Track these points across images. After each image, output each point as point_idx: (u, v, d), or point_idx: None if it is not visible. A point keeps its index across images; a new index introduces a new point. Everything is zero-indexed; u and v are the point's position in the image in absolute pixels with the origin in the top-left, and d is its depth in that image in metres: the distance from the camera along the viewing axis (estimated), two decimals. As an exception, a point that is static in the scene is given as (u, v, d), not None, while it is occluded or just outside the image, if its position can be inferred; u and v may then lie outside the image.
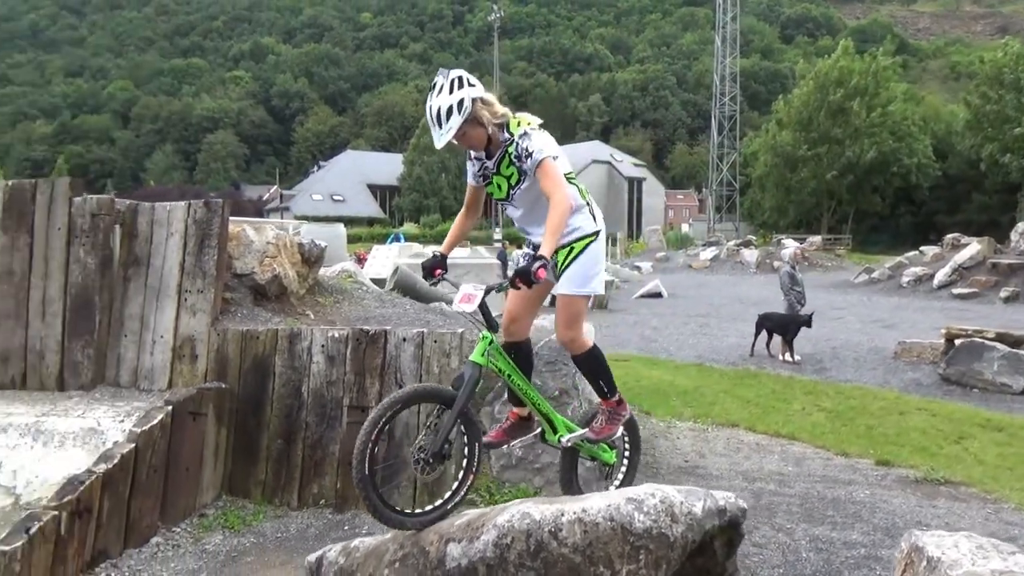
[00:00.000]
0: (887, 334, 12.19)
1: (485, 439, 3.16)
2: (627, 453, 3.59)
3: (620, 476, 3.50)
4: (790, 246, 24.91)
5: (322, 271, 6.52)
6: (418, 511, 2.64)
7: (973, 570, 2.80)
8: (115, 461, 3.70)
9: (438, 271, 3.20)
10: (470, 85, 2.85)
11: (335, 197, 69.66)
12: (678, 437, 6.19)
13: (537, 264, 2.65)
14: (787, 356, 9.97)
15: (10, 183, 4.92)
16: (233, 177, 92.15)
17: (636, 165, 73.68)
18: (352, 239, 51.68)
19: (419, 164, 68.48)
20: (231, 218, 5.09)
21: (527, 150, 2.90)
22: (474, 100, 2.84)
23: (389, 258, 17.57)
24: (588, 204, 3.14)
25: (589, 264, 3.09)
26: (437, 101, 2.82)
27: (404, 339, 4.51)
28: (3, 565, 3.17)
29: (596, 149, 72.99)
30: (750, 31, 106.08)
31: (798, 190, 50.55)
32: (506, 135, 2.95)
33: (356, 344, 4.55)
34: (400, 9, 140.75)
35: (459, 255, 22.49)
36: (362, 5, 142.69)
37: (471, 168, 3.13)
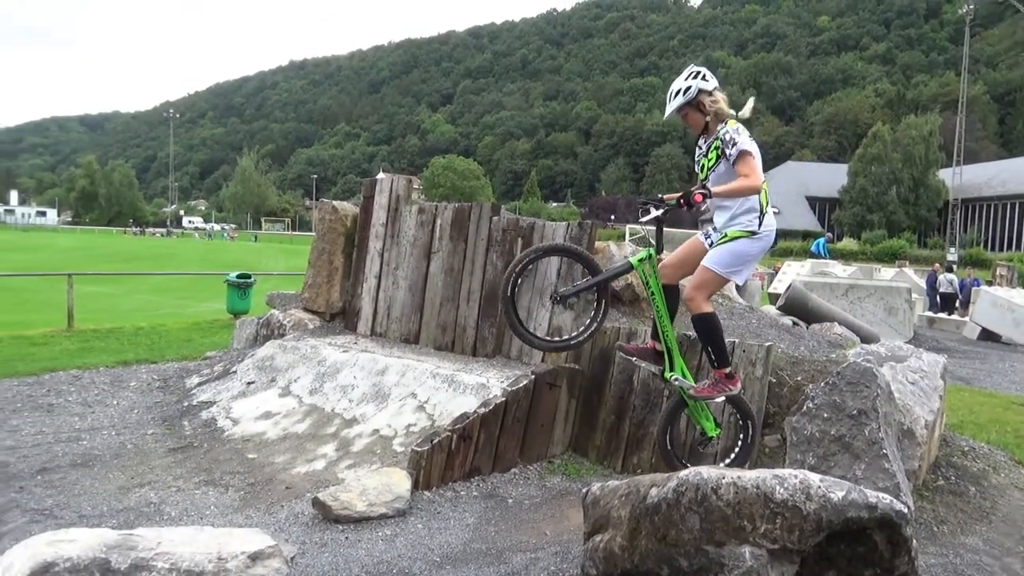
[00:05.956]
0: None
1: (623, 345, 3.98)
2: (741, 436, 3.95)
3: (732, 456, 3.96)
4: None
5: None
6: (545, 336, 3.66)
7: None
8: (490, 408, 5.22)
9: (651, 209, 3.80)
10: (704, 80, 3.63)
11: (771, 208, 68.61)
12: (1044, 492, 5.64)
13: (697, 190, 3.35)
14: None
15: (455, 205, 6.93)
16: (676, 188, 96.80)
17: None
18: (783, 252, 50.74)
19: (865, 175, 63.65)
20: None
21: (734, 140, 3.55)
22: (700, 91, 3.60)
23: (789, 274, 17.52)
24: (763, 213, 3.63)
25: (733, 253, 3.62)
26: (675, 83, 3.67)
27: (718, 346, 5.23)
28: (416, 459, 4.87)
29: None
30: None
31: None
32: (721, 126, 3.62)
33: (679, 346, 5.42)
34: (863, 8, 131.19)
35: (876, 278, 20.94)
36: (820, 8, 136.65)
37: (696, 156, 3.88)
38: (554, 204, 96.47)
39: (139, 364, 8.77)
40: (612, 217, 63.17)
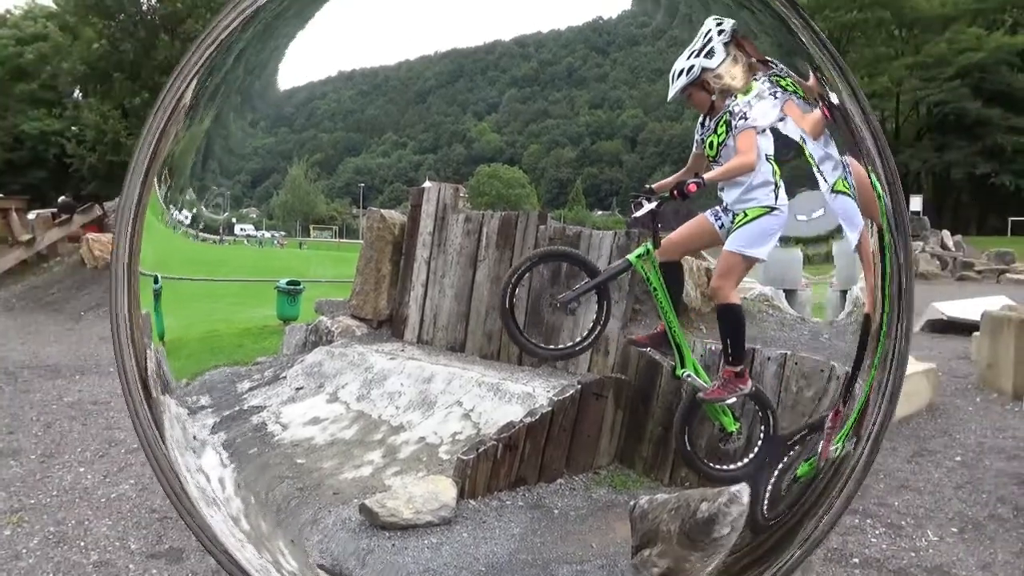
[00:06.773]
0: None
1: (632, 336, 3.86)
2: (763, 428, 3.80)
3: (755, 452, 3.81)
4: None
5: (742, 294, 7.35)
6: (549, 346, 3.58)
7: None
8: (536, 417, 5.20)
9: (644, 202, 3.63)
10: (707, 56, 3.46)
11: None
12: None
13: (692, 181, 3.21)
14: None
15: (501, 214, 6.95)
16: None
17: None
18: (833, 261, 49.69)
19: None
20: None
21: (744, 114, 3.33)
22: (704, 68, 3.42)
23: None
24: (777, 185, 3.43)
25: (756, 232, 3.42)
26: (677, 63, 3.52)
27: (769, 358, 5.12)
28: (462, 468, 4.88)
29: None
30: None
31: None
32: (731, 99, 3.41)
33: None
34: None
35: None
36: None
37: (696, 135, 3.69)
38: (599, 212, 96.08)
39: (192, 368, 8.97)
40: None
